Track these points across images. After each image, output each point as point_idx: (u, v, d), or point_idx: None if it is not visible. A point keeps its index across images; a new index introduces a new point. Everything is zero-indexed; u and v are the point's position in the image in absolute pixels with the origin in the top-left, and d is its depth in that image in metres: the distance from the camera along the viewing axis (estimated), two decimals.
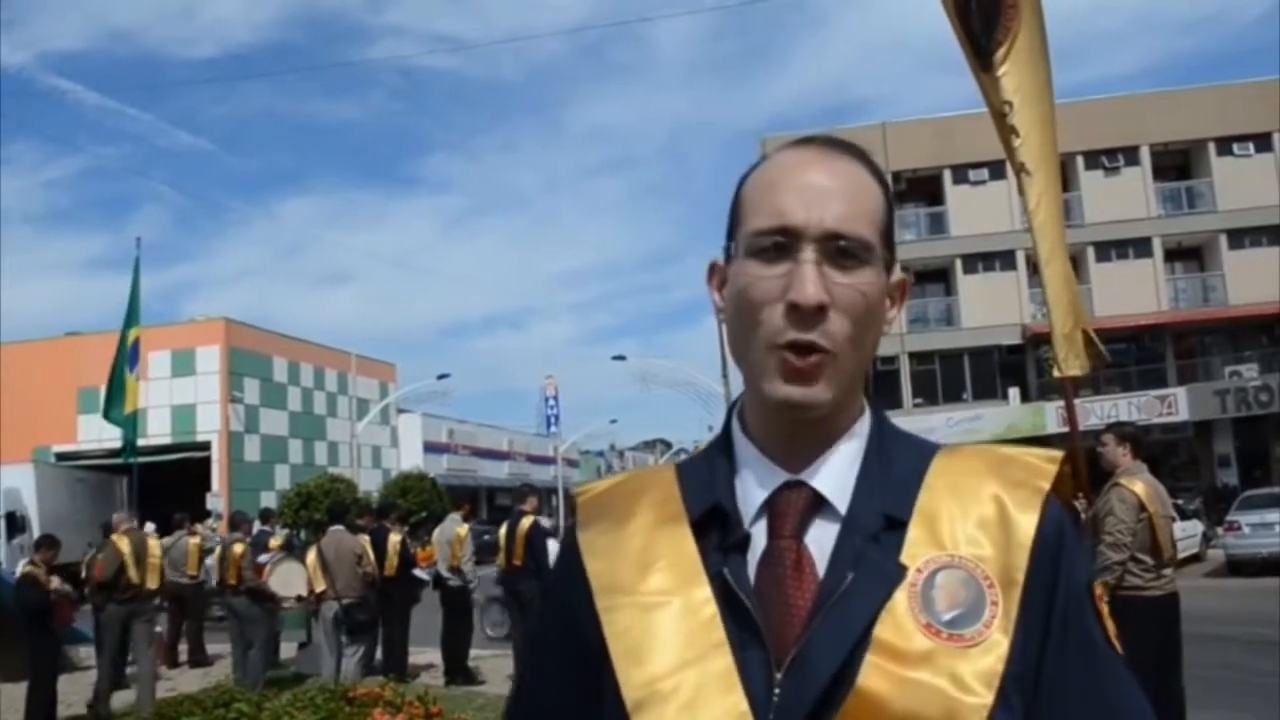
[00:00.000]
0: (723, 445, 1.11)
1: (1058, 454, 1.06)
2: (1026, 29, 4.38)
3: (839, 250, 1.00)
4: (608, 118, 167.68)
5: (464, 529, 12.06)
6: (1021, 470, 1.04)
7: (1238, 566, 19.29)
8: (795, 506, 1.03)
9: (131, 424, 16.56)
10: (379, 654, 11.34)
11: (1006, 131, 4.51)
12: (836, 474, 1.04)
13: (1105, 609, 1.04)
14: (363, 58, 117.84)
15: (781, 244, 1.01)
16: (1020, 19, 4.35)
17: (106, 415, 16.10)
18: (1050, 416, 30.39)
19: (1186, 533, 20.19)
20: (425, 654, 12.36)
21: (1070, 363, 5.44)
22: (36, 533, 25.60)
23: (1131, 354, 34.96)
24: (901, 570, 0.96)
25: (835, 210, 1.01)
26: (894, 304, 1.09)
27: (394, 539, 11.67)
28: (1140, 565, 6.09)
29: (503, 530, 11.11)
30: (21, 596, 9.98)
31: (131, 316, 16.59)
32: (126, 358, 16.25)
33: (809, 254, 0.99)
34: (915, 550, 0.98)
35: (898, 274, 1.08)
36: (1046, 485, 1.02)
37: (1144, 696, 1.01)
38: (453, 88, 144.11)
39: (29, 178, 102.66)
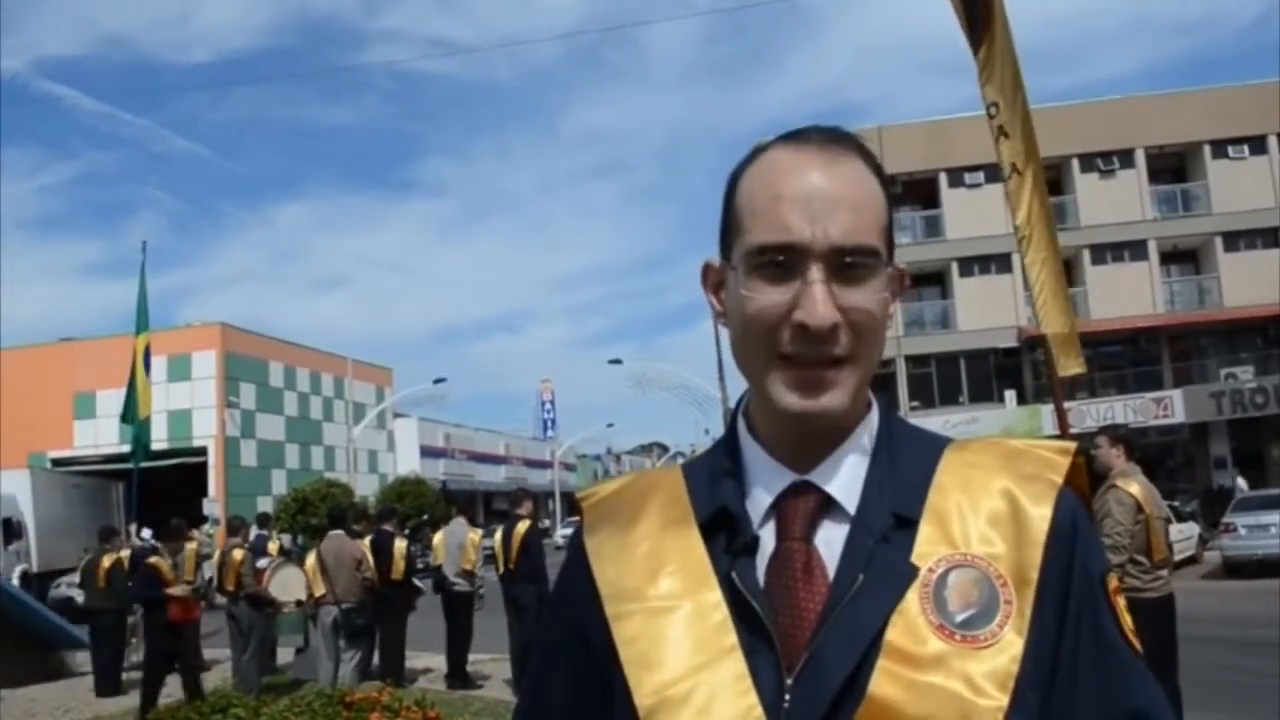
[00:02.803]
0: (729, 446, 1.09)
1: (1070, 445, 1.04)
2: (1000, 29, 4.41)
3: (847, 264, 0.98)
4: (602, 122, 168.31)
5: (477, 534, 12.07)
6: (1033, 463, 1.02)
7: (1234, 568, 19.29)
8: (804, 508, 1.01)
9: (146, 428, 16.64)
10: (376, 658, 11.33)
11: (996, 131, 4.52)
12: (845, 474, 1.02)
13: (1122, 603, 1.02)
14: (358, 62, 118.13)
15: (786, 262, 0.98)
16: (995, 19, 4.38)
17: (124, 419, 16.16)
18: (1046, 419, 30.38)
19: (1183, 534, 20.22)
20: (423, 658, 12.34)
21: (1070, 363, 5.44)
22: (33, 539, 25.62)
23: (1127, 356, 34.98)
24: (913, 570, 0.95)
25: (842, 223, 0.98)
26: (894, 295, 1.06)
27: (399, 544, 11.65)
28: (1138, 567, 6.10)
29: (498, 535, 11.10)
30: (139, 586, 10.35)
31: (142, 321, 16.63)
32: (142, 362, 16.32)
33: (816, 273, 0.97)
34: (927, 549, 0.96)
35: (895, 265, 1.06)
36: (1059, 478, 1.01)
37: (1160, 691, 1.00)
38: (448, 92, 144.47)
39: (24, 183, 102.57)
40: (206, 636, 14.32)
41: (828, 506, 1.01)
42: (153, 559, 10.46)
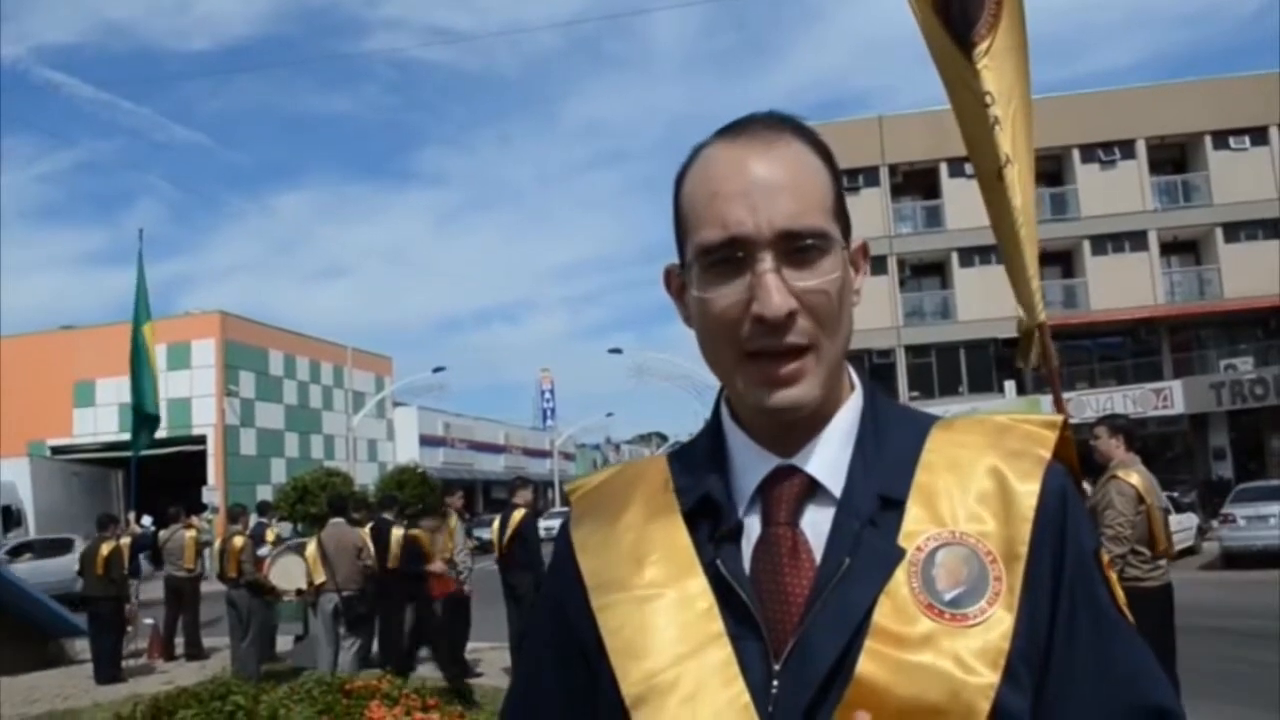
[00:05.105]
0: (713, 433, 1.09)
1: (1057, 418, 1.03)
2: (1010, 23, 4.37)
3: (796, 249, 0.97)
4: (603, 111, 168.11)
5: (453, 520, 12.01)
6: (1020, 439, 1.01)
7: (1233, 559, 19.33)
8: (789, 492, 1.01)
9: (156, 415, 16.81)
10: (375, 647, 11.34)
11: (988, 123, 4.47)
12: (829, 456, 1.02)
13: (1114, 577, 1.02)
14: (358, 51, 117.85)
15: (735, 257, 0.97)
16: (1004, 15, 4.34)
17: (143, 407, 16.26)
18: (1046, 409, 30.00)
19: (1182, 525, 20.25)
20: (422, 646, 12.34)
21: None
22: (32, 527, 25.64)
23: (1127, 347, 35.01)
24: (900, 552, 0.94)
25: (784, 208, 0.96)
26: (858, 270, 1.06)
27: (397, 533, 11.64)
28: (1139, 557, 6.10)
29: (496, 524, 11.11)
30: (405, 556, 10.65)
31: (144, 310, 16.71)
32: (148, 351, 16.46)
33: (767, 262, 0.96)
34: (914, 529, 0.96)
35: (855, 241, 1.05)
36: (1047, 453, 1.00)
37: (1156, 663, 0.99)
38: (448, 81, 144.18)
39: (23, 171, 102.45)
40: (207, 624, 14.37)
41: (813, 490, 1.01)
42: (414, 531, 10.63)
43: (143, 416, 16.18)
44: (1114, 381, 33.72)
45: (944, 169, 34.71)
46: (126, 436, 17.23)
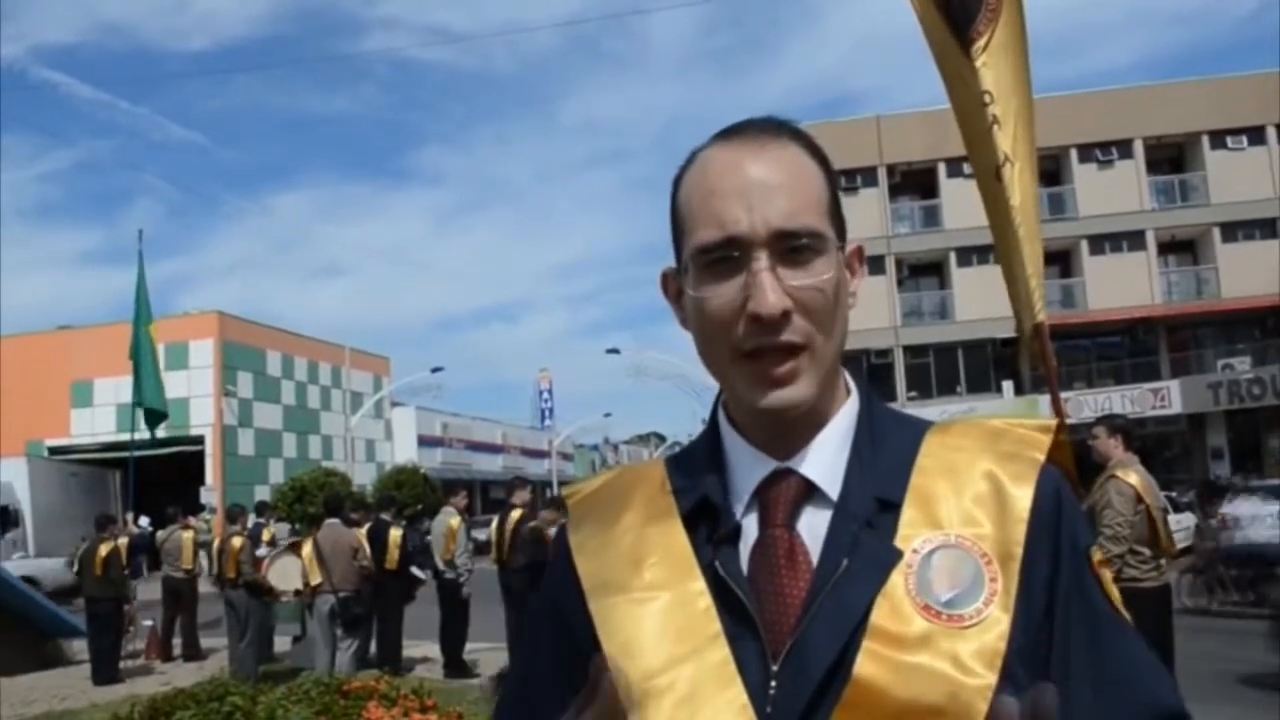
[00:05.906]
0: (710, 437, 1.10)
1: (1051, 422, 1.04)
2: (1009, 20, 4.36)
3: (791, 249, 0.97)
4: (601, 110, 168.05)
5: (455, 521, 12.00)
6: (1014, 443, 1.02)
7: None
8: (786, 495, 1.01)
9: (165, 411, 16.93)
10: (373, 647, 11.34)
11: (986, 122, 4.46)
12: (825, 459, 1.02)
13: (1108, 575, 1.02)
14: (356, 50, 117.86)
15: (731, 256, 0.98)
16: (1003, 10, 4.33)
17: (141, 402, 16.33)
18: (1044, 409, 30.41)
19: (1180, 525, 20.26)
20: (420, 647, 12.36)
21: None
22: (30, 527, 25.62)
23: (1125, 347, 35.05)
24: (897, 554, 0.95)
25: (779, 207, 0.97)
26: (854, 274, 1.07)
27: (395, 533, 11.65)
28: (1137, 557, 6.10)
29: (494, 524, 11.12)
30: (527, 547, 10.64)
31: (145, 310, 16.77)
32: (151, 351, 16.56)
33: (762, 261, 0.96)
34: (910, 531, 0.96)
35: (850, 245, 1.06)
36: (1040, 456, 1.01)
37: (1157, 659, 1.00)
38: (446, 80, 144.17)
39: (21, 171, 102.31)
40: (204, 625, 14.37)
41: (810, 493, 1.01)
42: (535, 522, 10.70)
43: (148, 412, 16.24)
44: (1112, 381, 33.76)
45: (942, 169, 34.75)
46: (124, 437, 17.25)
